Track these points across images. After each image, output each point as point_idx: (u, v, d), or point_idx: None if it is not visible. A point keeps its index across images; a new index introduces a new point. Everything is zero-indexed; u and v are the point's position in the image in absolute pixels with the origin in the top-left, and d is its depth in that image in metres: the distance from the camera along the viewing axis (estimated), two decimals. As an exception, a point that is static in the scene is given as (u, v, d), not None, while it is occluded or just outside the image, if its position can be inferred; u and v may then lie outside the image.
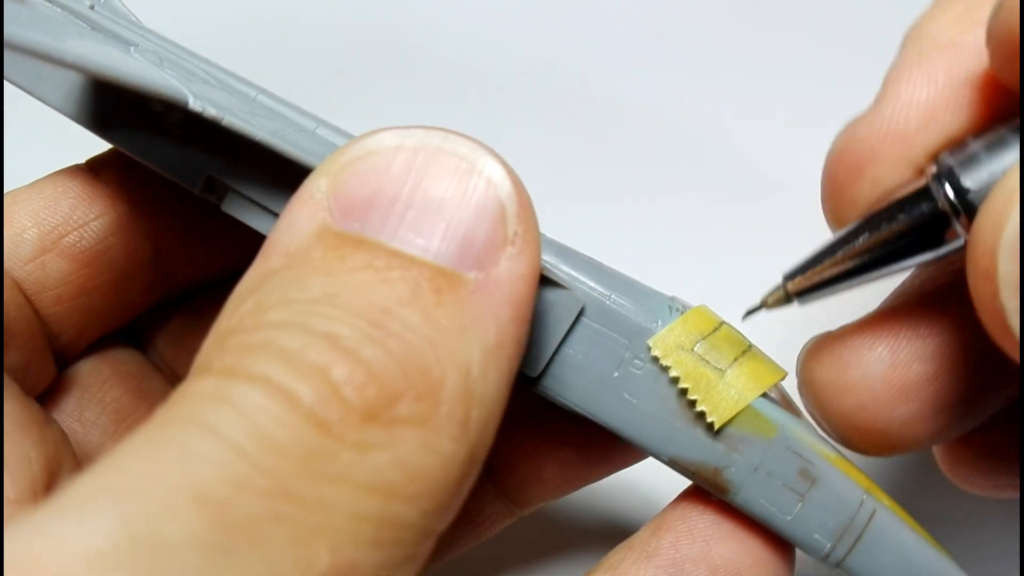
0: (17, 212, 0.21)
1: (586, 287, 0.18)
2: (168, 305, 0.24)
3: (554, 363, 0.18)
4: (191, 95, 0.17)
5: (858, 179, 0.18)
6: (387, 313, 0.14)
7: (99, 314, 0.22)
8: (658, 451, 0.18)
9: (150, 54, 0.20)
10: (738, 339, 0.18)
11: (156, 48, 0.20)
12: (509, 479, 0.23)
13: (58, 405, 0.22)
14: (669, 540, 0.19)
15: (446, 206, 0.15)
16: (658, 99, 0.34)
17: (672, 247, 0.33)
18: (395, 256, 0.14)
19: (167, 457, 0.12)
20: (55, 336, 0.22)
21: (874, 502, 0.18)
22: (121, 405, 0.23)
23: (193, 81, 0.19)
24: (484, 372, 0.14)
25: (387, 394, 0.13)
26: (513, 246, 0.15)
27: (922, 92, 0.18)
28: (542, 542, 0.28)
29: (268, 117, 0.19)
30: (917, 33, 0.18)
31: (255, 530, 0.12)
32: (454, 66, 0.34)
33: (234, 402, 0.13)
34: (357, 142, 0.16)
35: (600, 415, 0.18)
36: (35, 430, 0.19)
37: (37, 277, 0.21)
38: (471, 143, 0.16)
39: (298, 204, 0.15)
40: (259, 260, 0.15)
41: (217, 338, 0.14)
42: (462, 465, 0.14)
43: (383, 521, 0.13)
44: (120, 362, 0.23)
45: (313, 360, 0.13)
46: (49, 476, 0.19)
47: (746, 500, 0.18)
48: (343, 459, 0.13)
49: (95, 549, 0.11)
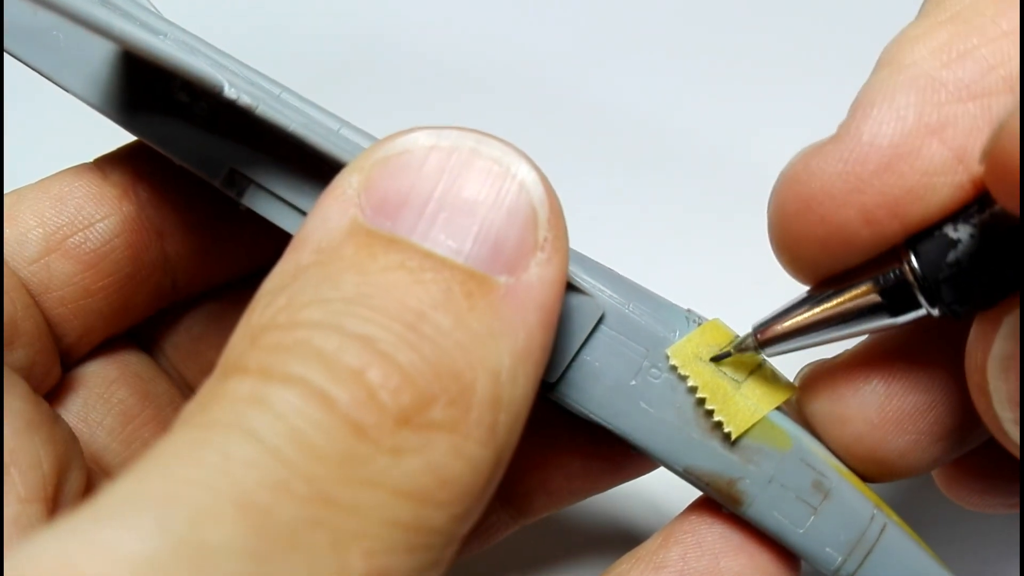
0: (22, 211, 0.21)
1: (605, 294, 0.18)
2: (176, 307, 0.24)
3: (572, 369, 0.18)
4: (226, 82, 0.17)
5: (806, 214, 0.17)
6: (420, 316, 0.14)
7: (104, 316, 0.22)
8: (673, 461, 0.18)
9: (180, 44, 0.20)
10: (751, 354, 0.18)
11: (184, 38, 0.20)
12: (515, 489, 0.23)
13: (64, 405, 0.22)
14: (677, 552, 0.19)
15: (478, 208, 0.15)
16: (655, 104, 0.34)
17: (672, 255, 0.34)
18: (428, 257, 0.14)
19: (208, 462, 0.12)
20: (60, 336, 0.22)
21: (884, 517, 0.18)
22: (127, 407, 0.23)
23: (224, 71, 0.19)
24: (512, 377, 0.14)
25: (421, 398, 0.13)
26: (543, 252, 0.15)
27: (887, 132, 0.16)
28: (549, 549, 0.28)
29: (296, 112, 0.19)
30: (892, 59, 0.17)
31: (294, 535, 0.12)
32: (448, 73, 0.34)
33: (272, 405, 0.13)
34: (391, 140, 0.16)
35: (615, 423, 0.18)
36: (45, 428, 0.19)
37: (41, 278, 0.21)
38: (505, 146, 0.16)
39: (330, 199, 0.15)
40: (289, 254, 0.15)
41: (249, 333, 0.14)
42: (489, 470, 0.14)
43: (415, 526, 0.13)
44: (126, 364, 0.23)
45: (349, 362, 0.13)
46: (59, 474, 0.19)
47: (759, 512, 0.18)
48: (378, 464, 0.13)
49: (138, 555, 0.11)
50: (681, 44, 0.35)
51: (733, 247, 0.33)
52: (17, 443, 0.18)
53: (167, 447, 0.13)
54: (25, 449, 0.18)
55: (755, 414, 0.18)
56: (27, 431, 0.18)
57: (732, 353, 0.18)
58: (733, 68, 0.34)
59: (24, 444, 0.18)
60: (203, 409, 0.13)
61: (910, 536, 0.18)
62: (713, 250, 0.34)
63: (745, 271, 0.36)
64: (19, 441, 0.18)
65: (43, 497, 0.18)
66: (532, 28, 0.35)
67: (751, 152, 0.34)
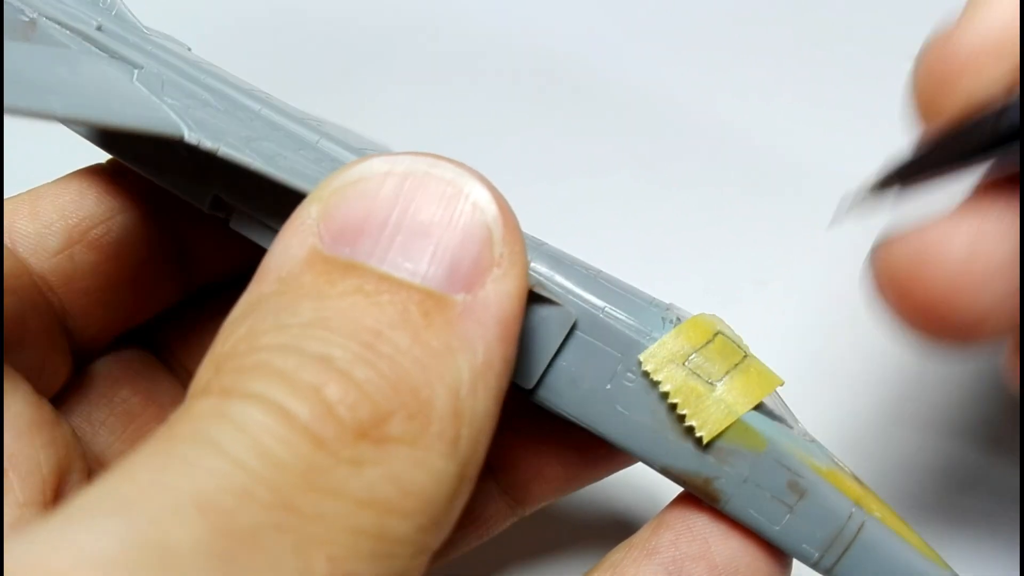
0: (43, 207, 0.21)
1: (580, 300, 0.18)
2: (184, 305, 0.25)
3: (548, 375, 0.18)
4: (187, 128, 0.18)
5: (949, 92, 0.18)
6: (377, 335, 0.14)
7: (125, 308, 0.23)
8: (650, 460, 0.19)
9: (153, 77, 0.20)
10: (733, 349, 0.18)
11: (159, 70, 0.20)
12: (512, 478, 0.23)
13: (67, 405, 0.22)
14: (669, 538, 0.19)
15: (433, 230, 0.15)
16: (676, 92, 0.34)
17: (687, 242, 0.33)
18: (384, 280, 0.15)
19: (172, 468, 0.13)
20: (80, 330, 0.22)
21: (864, 514, 0.18)
22: (130, 406, 0.23)
23: (193, 107, 0.19)
24: (473, 391, 0.15)
25: (379, 413, 0.14)
26: (499, 268, 0.15)
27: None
28: (544, 542, 0.28)
29: (268, 136, 0.19)
30: None
31: (257, 538, 0.12)
32: (467, 61, 0.34)
33: (234, 419, 0.13)
34: (347, 169, 0.16)
35: (594, 425, 0.19)
36: (46, 431, 0.19)
37: (65, 269, 0.21)
38: (458, 168, 0.16)
39: (290, 230, 0.16)
40: (252, 286, 0.16)
41: (212, 362, 0.15)
42: (453, 482, 0.14)
43: (379, 535, 0.13)
44: (130, 363, 0.24)
45: (307, 379, 0.14)
46: (59, 478, 0.19)
47: (736, 509, 0.18)
48: (339, 474, 0.13)
49: (103, 553, 0.12)
50: (699, 33, 0.35)
51: (750, 230, 0.33)
52: (17, 447, 0.18)
53: (134, 457, 0.13)
54: (25, 453, 0.18)
55: (728, 418, 0.18)
56: (28, 434, 0.19)
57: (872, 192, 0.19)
58: (753, 54, 0.34)
59: (24, 448, 0.18)
60: (168, 427, 0.14)
61: (893, 531, 0.18)
62: (727, 232, 0.33)
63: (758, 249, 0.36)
64: (19, 445, 0.18)
65: (42, 501, 0.18)
66: (551, 15, 0.35)
67: (772, 139, 0.34)
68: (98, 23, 0.21)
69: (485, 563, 0.27)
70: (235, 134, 0.19)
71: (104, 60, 0.20)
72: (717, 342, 0.18)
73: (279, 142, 0.19)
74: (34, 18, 0.21)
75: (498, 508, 0.24)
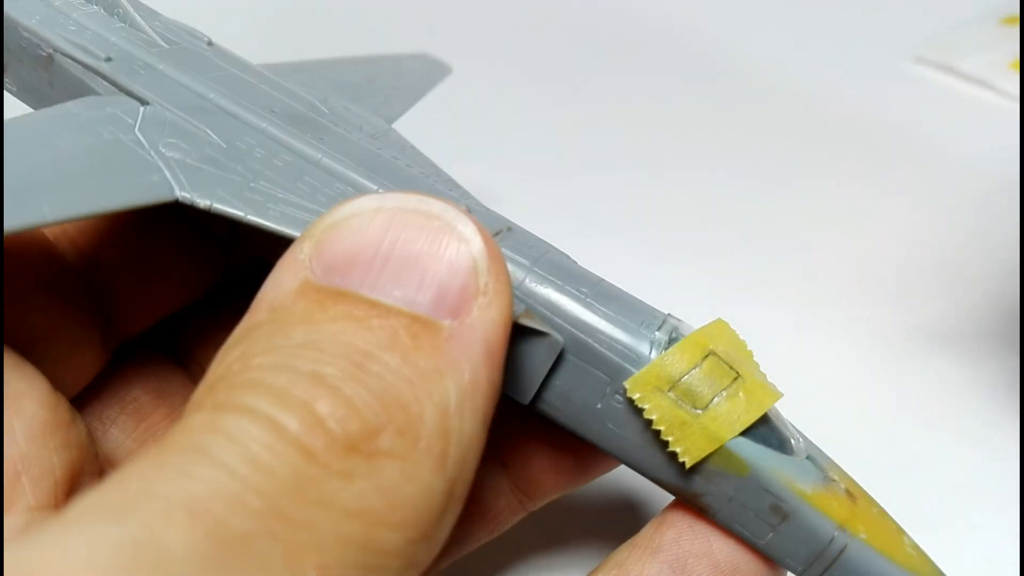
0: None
1: (571, 323, 0.19)
2: (201, 304, 0.25)
3: (543, 392, 0.19)
4: (178, 188, 0.19)
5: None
6: (367, 355, 0.15)
7: (170, 291, 0.23)
8: (642, 472, 0.19)
9: (155, 120, 0.21)
10: (724, 371, 0.18)
11: (163, 108, 0.21)
12: (523, 471, 0.24)
13: (79, 402, 0.22)
14: (672, 536, 0.19)
15: (421, 260, 0.16)
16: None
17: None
18: (374, 306, 0.15)
19: (164, 476, 0.13)
20: (124, 314, 0.22)
21: (847, 537, 0.18)
22: (141, 405, 0.23)
23: (191, 152, 0.20)
24: (460, 411, 0.15)
25: (368, 427, 0.14)
26: (485, 296, 0.16)
27: None
28: (549, 541, 0.28)
29: (267, 168, 0.20)
30: None
31: (249, 544, 0.13)
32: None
33: (226, 430, 0.14)
34: (339, 207, 0.17)
35: (588, 437, 0.19)
36: (60, 433, 0.19)
37: (115, 248, 0.22)
38: (445, 204, 0.17)
39: (283, 265, 0.16)
40: (246, 318, 0.16)
41: (206, 385, 0.15)
42: (442, 498, 0.15)
43: (368, 545, 0.14)
44: (141, 361, 0.24)
45: (298, 395, 0.14)
46: (71, 481, 0.19)
47: (724, 521, 0.19)
48: (329, 485, 0.14)
49: (97, 557, 0.12)
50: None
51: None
52: (30, 449, 0.18)
53: (127, 468, 0.14)
54: (38, 456, 0.18)
55: (711, 444, 0.18)
56: (41, 436, 0.19)
57: None
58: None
59: (37, 450, 0.18)
60: (163, 439, 0.14)
61: (878, 552, 0.18)
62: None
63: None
64: (32, 447, 0.18)
65: (54, 504, 0.18)
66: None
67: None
68: (107, 54, 0.22)
69: (492, 562, 0.28)
70: (228, 182, 0.20)
71: (110, 104, 0.21)
72: (707, 365, 0.18)
73: (278, 173, 0.20)
74: (51, 53, 0.23)
75: (508, 502, 0.24)
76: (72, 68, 0.22)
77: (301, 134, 0.21)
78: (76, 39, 0.23)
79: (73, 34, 0.23)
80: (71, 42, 0.22)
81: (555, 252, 0.20)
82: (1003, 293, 0.39)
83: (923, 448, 0.32)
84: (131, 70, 0.22)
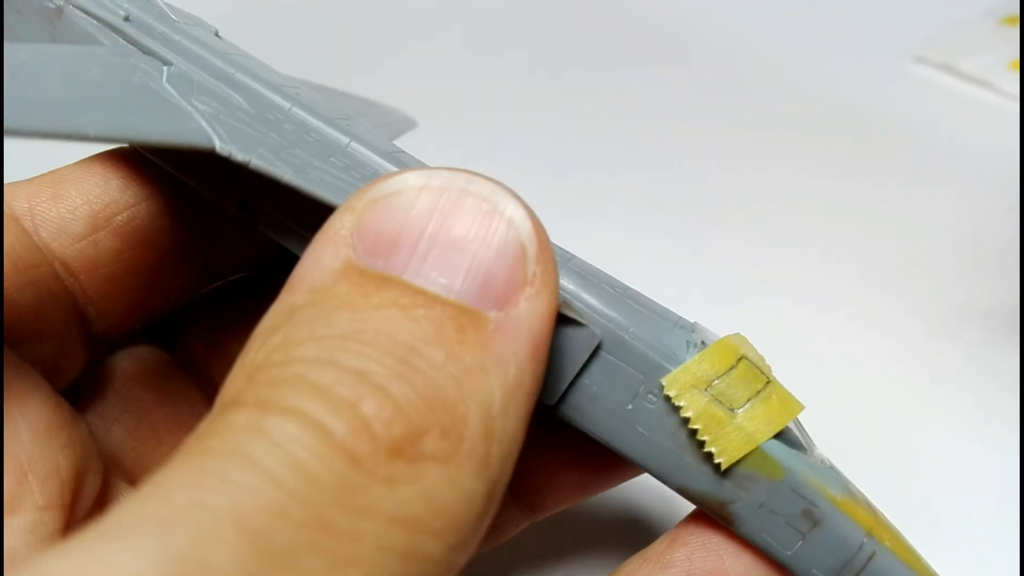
0: (67, 191, 0.21)
1: (606, 319, 0.18)
2: (201, 302, 0.24)
3: (570, 393, 0.18)
4: (218, 139, 0.18)
5: None
6: (413, 351, 0.14)
7: (147, 297, 0.22)
8: (667, 480, 0.19)
9: (183, 77, 0.20)
10: (756, 375, 0.18)
11: (189, 68, 0.20)
12: (526, 484, 0.23)
13: (81, 401, 0.22)
14: (684, 553, 0.19)
15: (468, 246, 0.15)
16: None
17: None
18: (419, 294, 0.15)
19: (208, 485, 0.13)
20: (99, 319, 0.22)
21: (875, 544, 0.18)
22: (143, 403, 0.23)
23: (223, 111, 0.19)
24: (504, 410, 0.14)
25: (413, 430, 0.14)
26: (532, 286, 0.15)
27: None
28: (557, 549, 0.28)
29: (298, 142, 0.19)
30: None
31: (292, 558, 0.12)
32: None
33: (270, 433, 0.13)
34: (383, 180, 0.16)
35: (613, 442, 0.19)
36: (65, 432, 0.19)
37: (89, 255, 0.21)
38: (494, 185, 0.16)
39: (323, 240, 0.16)
40: (284, 295, 0.16)
41: (244, 372, 0.15)
42: (482, 501, 0.14)
43: (410, 554, 0.13)
44: (143, 359, 0.24)
45: (344, 395, 0.13)
46: (77, 479, 0.19)
47: (749, 532, 0.19)
48: (373, 492, 0.13)
49: (142, 573, 0.11)
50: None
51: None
52: (36, 449, 0.18)
53: (167, 473, 0.13)
54: (44, 455, 0.18)
55: (747, 445, 0.18)
56: (46, 435, 0.18)
57: None
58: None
59: (43, 450, 0.18)
60: (202, 439, 0.14)
61: (903, 562, 0.18)
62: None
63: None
64: (38, 446, 0.18)
65: (61, 504, 0.18)
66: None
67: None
68: (126, 13, 0.21)
69: (496, 569, 0.28)
70: (266, 142, 0.18)
71: (133, 55, 0.20)
72: (741, 368, 0.18)
73: (309, 148, 0.19)
74: (61, 5, 0.21)
75: (511, 514, 0.24)
76: (85, 24, 0.21)
77: (328, 117, 0.20)
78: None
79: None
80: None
81: (580, 259, 0.19)
82: (1003, 292, 0.39)
83: (923, 448, 0.32)
84: (151, 31, 0.21)
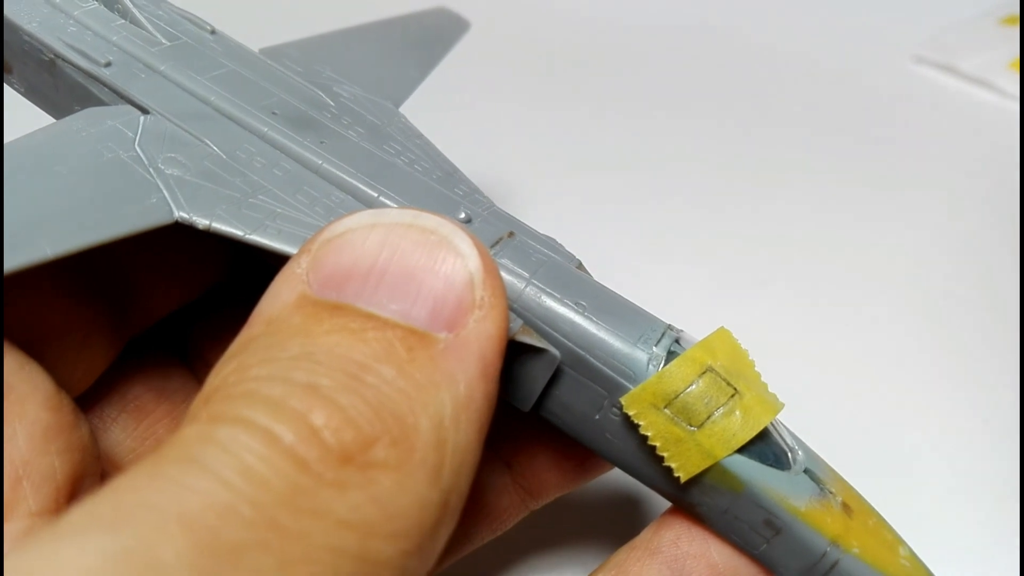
0: None
1: (567, 338, 0.19)
2: (205, 303, 0.25)
3: (544, 401, 0.19)
4: (177, 209, 0.19)
5: None
6: (363, 367, 0.15)
7: (187, 280, 0.23)
8: (639, 479, 0.20)
9: (155, 132, 0.21)
10: (721, 387, 0.18)
11: (162, 119, 0.21)
12: (527, 469, 0.24)
13: (80, 400, 0.22)
14: (670, 537, 0.20)
15: (417, 274, 0.16)
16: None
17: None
18: (370, 318, 0.15)
19: (157, 488, 0.13)
20: (140, 304, 0.22)
21: (839, 552, 0.18)
22: (143, 403, 0.23)
23: (191, 166, 0.20)
24: (456, 423, 0.15)
25: (363, 438, 0.14)
26: (480, 310, 0.16)
27: None
28: (551, 542, 0.28)
29: (266, 180, 0.20)
30: None
31: (241, 556, 0.13)
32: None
33: (220, 441, 0.14)
34: (337, 221, 0.17)
35: (588, 444, 0.20)
36: (63, 437, 0.19)
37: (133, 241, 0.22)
38: (440, 219, 0.17)
39: (281, 279, 0.16)
40: (243, 331, 0.16)
41: (202, 397, 0.15)
42: (437, 509, 0.15)
43: (362, 556, 0.14)
44: (142, 358, 0.24)
45: (294, 406, 0.14)
46: (74, 483, 0.19)
47: (719, 530, 0.19)
48: (322, 496, 0.13)
49: (89, 566, 0.12)
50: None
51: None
52: (32, 454, 0.18)
53: (121, 479, 0.14)
54: (39, 460, 0.18)
55: (705, 461, 0.18)
56: (43, 440, 0.19)
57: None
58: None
59: (39, 455, 0.18)
60: (157, 451, 0.14)
61: (871, 567, 0.18)
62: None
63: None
64: (34, 452, 0.18)
65: (55, 510, 0.18)
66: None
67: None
68: (107, 60, 0.22)
69: (494, 563, 0.28)
70: (229, 197, 0.19)
71: (109, 116, 0.21)
72: (704, 382, 0.18)
73: (279, 183, 0.20)
74: (52, 59, 0.23)
75: (512, 501, 0.24)
76: (74, 73, 0.22)
77: (302, 139, 0.21)
78: (76, 44, 0.22)
79: (73, 37, 0.23)
80: (71, 47, 0.22)
81: (556, 260, 0.20)
82: (1002, 292, 0.39)
83: (922, 448, 0.32)
84: (131, 74, 0.22)
